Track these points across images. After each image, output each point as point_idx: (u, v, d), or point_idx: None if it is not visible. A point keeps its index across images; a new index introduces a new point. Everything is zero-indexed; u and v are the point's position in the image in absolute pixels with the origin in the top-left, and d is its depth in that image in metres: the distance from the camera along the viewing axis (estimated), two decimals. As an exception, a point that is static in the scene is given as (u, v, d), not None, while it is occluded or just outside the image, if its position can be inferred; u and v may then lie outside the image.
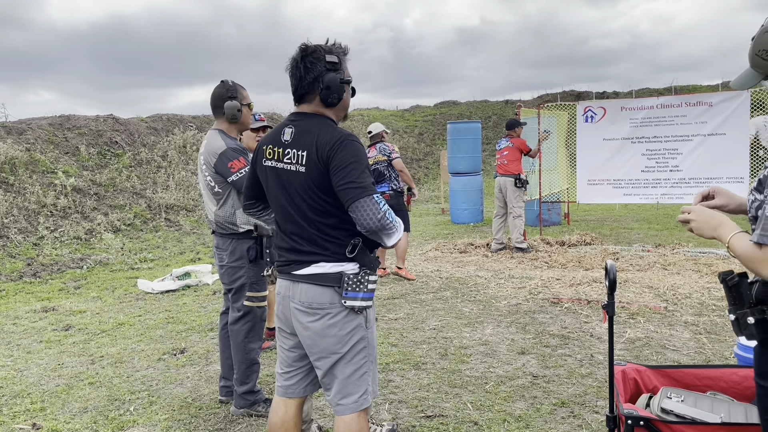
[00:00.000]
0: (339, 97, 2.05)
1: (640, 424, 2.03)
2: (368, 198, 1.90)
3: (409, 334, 4.59)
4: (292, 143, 2.03)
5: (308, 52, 2.03)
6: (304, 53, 2.03)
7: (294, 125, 2.06)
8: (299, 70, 2.03)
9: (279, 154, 2.06)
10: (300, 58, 2.03)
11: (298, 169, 2.01)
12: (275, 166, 2.08)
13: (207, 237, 10.21)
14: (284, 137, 2.05)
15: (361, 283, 2.02)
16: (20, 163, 10.08)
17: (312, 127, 2.02)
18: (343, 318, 2.03)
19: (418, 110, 25.70)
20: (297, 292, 2.05)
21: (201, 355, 4.33)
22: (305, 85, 2.03)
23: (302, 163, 2.00)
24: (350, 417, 2.08)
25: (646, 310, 4.94)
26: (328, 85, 2.01)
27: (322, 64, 2.01)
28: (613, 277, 2.13)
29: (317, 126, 2.02)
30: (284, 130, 2.07)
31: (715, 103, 7.89)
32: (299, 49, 2.06)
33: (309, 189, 1.99)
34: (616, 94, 24.07)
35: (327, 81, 2.01)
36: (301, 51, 2.04)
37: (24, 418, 3.37)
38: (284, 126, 2.09)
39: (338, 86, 2.03)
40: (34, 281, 7.24)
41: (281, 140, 2.06)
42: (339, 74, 2.03)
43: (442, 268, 7.07)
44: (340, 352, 2.04)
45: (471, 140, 11.24)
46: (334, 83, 2.02)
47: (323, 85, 2.01)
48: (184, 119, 15.16)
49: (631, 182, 8.43)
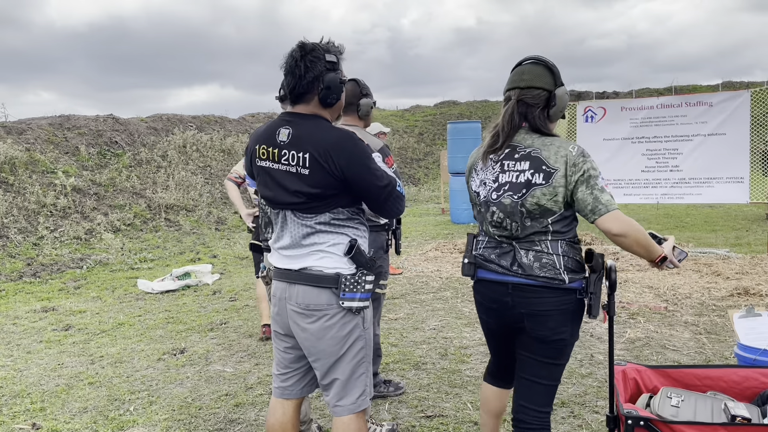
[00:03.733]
0: (338, 98, 2.01)
1: (640, 424, 2.03)
2: (391, 196, 2.02)
3: (409, 334, 4.58)
4: (290, 144, 1.97)
5: (308, 51, 1.97)
6: (304, 51, 1.97)
7: (291, 126, 1.99)
8: (299, 68, 1.96)
9: (274, 155, 2.00)
10: (300, 56, 1.96)
11: (300, 171, 1.96)
12: (269, 167, 2.02)
13: (207, 237, 10.22)
14: (280, 138, 1.99)
15: (358, 283, 2.00)
16: (20, 163, 10.08)
17: (311, 128, 1.98)
18: (341, 319, 2.01)
19: (418, 110, 25.70)
20: (294, 294, 2.03)
21: (201, 355, 4.33)
22: (304, 85, 1.97)
23: (304, 165, 1.95)
24: (348, 418, 2.07)
25: (646, 310, 4.93)
26: (329, 85, 1.96)
27: (322, 63, 1.96)
28: (613, 277, 2.13)
29: (316, 127, 1.98)
30: (279, 131, 2.00)
31: (716, 103, 7.89)
32: (298, 47, 1.99)
33: (310, 191, 1.96)
34: (616, 94, 24.08)
35: (327, 81, 1.96)
36: (301, 49, 1.98)
37: (24, 418, 3.37)
38: (279, 126, 2.02)
39: (338, 86, 1.99)
40: (34, 281, 7.24)
41: (276, 141, 2.00)
42: (338, 74, 2.00)
43: (442, 268, 7.07)
44: (338, 353, 2.03)
45: (471, 140, 11.23)
46: (335, 83, 1.97)
47: (323, 84, 1.96)
48: (184, 119, 15.16)
49: (631, 182, 8.43)
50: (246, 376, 3.88)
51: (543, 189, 1.96)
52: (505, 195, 2.03)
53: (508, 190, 2.02)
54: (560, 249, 2.00)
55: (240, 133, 15.80)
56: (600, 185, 1.94)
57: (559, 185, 1.95)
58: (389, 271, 3.27)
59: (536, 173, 1.98)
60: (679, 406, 2.20)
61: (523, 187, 1.99)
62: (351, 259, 2.01)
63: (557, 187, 1.94)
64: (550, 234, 2.00)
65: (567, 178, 1.94)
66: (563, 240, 2.02)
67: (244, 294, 6.17)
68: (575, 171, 1.93)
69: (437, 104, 26.61)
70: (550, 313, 1.99)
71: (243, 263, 8.00)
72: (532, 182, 1.97)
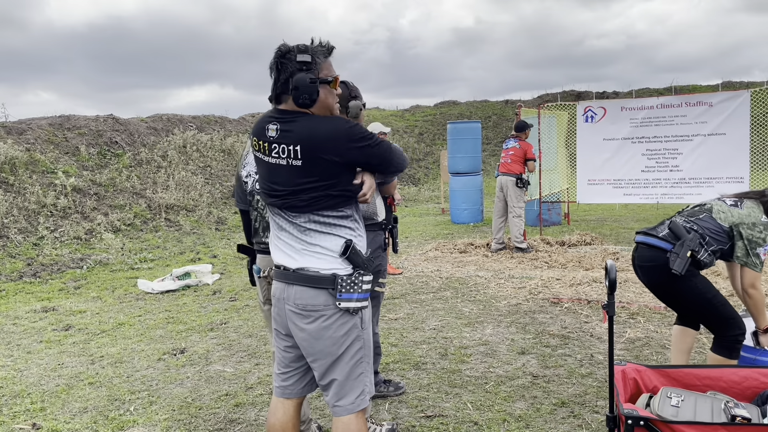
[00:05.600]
0: (310, 98, 1.99)
1: (640, 424, 2.03)
2: (389, 150, 2.10)
3: (409, 334, 4.59)
4: (280, 138, 1.99)
5: (282, 53, 2.01)
6: (279, 54, 2.02)
7: (279, 122, 2.02)
8: (274, 71, 2.02)
9: (265, 148, 2.04)
10: (274, 59, 2.02)
11: (291, 163, 1.98)
12: (263, 158, 2.07)
13: (207, 237, 10.22)
14: (269, 133, 2.02)
15: (355, 284, 2.00)
16: (20, 163, 10.08)
17: (301, 120, 1.99)
18: (338, 319, 2.01)
19: (418, 110, 25.71)
20: (291, 295, 2.04)
21: (201, 355, 4.33)
22: (279, 86, 2.02)
23: (296, 157, 1.96)
24: (348, 418, 2.08)
25: (646, 310, 4.94)
26: (296, 86, 1.97)
27: (293, 64, 1.98)
28: (613, 277, 2.13)
29: (306, 119, 2.00)
30: (268, 127, 2.03)
31: (715, 103, 7.89)
32: (276, 50, 2.05)
33: (304, 181, 1.97)
34: (616, 94, 24.09)
35: (295, 81, 1.97)
36: (277, 52, 2.03)
37: (24, 418, 3.37)
38: (267, 123, 2.05)
39: (307, 86, 1.97)
40: (34, 281, 7.24)
41: (266, 135, 2.03)
42: (309, 74, 1.98)
43: (442, 268, 7.07)
44: (335, 353, 2.03)
45: (471, 140, 11.23)
46: (302, 83, 1.97)
47: (292, 85, 1.98)
48: (184, 119, 15.17)
49: (631, 182, 8.43)
50: (246, 376, 3.88)
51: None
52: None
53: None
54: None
55: (240, 133, 15.81)
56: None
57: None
58: (388, 270, 3.29)
59: None
60: (679, 406, 2.21)
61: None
62: (347, 260, 2.01)
63: None
64: None
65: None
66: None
67: (244, 294, 6.17)
68: None
69: (437, 104, 26.63)
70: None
71: (243, 263, 7.99)
72: None
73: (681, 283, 2.86)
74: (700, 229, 2.90)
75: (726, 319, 2.87)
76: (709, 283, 2.92)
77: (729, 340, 2.88)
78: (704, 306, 2.88)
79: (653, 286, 3.02)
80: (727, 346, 2.89)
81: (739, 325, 2.87)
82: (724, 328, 2.88)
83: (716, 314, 2.88)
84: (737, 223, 2.87)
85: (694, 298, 2.89)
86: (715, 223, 2.91)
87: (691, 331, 3.19)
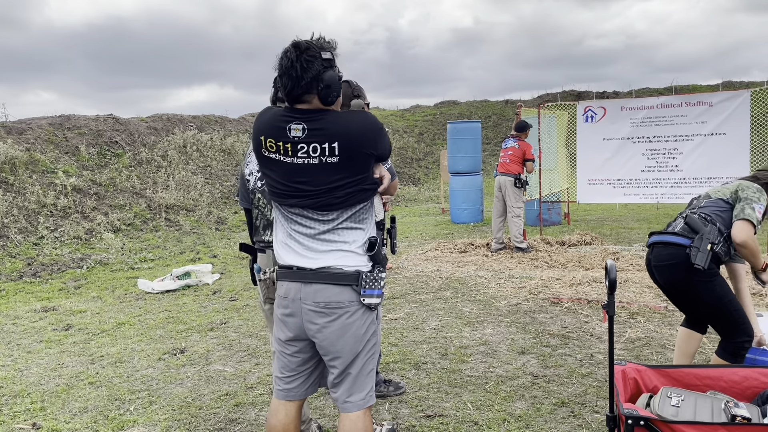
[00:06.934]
0: (338, 95, 1.96)
1: (640, 424, 2.03)
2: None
3: (409, 334, 4.58)
4: (309, 137, 1.91)
5: (302, 50, 1.90)
6: (299, 51, 1.89)
7: (304, 121, 1.92)
8: (295, 69, 1.88)
9: (287, 149, 1.93)
10: (295, 57, 1.89)
11: (326, 161, 1.91)
12: (282, 160, 1.96)
13: (207, 237, 10.22)
14: (292, 133, 1.92)
15: (375, 280, 2.01)
16: (20, 163, 10.08)
17: (330, 118, 1.93)
18: (361, 316, 2.02)
19: (418, 110, 25.71)
20: (311, 293, 2.00)
21: (201, 355, 4.33)
22: (303, 86, 1.89)
23: (332, 154, 1.90)
24: (356, 414, 2.07)
25: (646, 310, 4.94)
26: (329, 84, 1.90)
27: (319, 62, 1.89)
28: (613, 277, 2.13)
29: (334, 116, 1.93)
30: (290, 127, 1.93)
31: (715, 102, 7.89)
32: (292, 46, 1.92)
33: (339, 177, 1.93)
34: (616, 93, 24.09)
35: (327, 79, 1.89)
36: (295, 49, 1.91)
37: (24, 417, 3.37)
38: (287, 122, 1.94)
39: (337, 84, 1.92)
40: (34, 281, 7.24)
41: (288, 136, 1.93)
42: (336, 71, 1.94)
43: (442, 268, 7.07)
44: (356, 349, 2.04)
45: (471, 140, 11.23)
46: (334, 81, 1.91)
47: (323, 83, 1.89)
48: (184, 119, 15.17)
49: (631, 182, 8.43)
50: (246, 375, 3.88)
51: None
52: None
53: None
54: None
55: (240, 133, 15.81)
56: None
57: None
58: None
59: None
60: (679, 406, 2.21)
61: None
62: (371, 257, 2.02)
63: None
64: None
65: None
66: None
67: (244, 294, 6.17)
68: None
69: (437, 104, 26.63)
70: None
71: (243, 263, 7.99)
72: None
73: (700, 284, 2.86)
74: (713, 215, 2.93)
75: (737, 324, 2.87)
76: (728, 286, 2.93)
77: (735, 345, 2.89)
78: (719, 308, 2.89)
79: (671, 284, 3.00)
80: (732, 352, 2.90)
81: (747, 332, 2.87)
82: (733, 334, 2.89)
83: (728, 318, 2.88)
84: (734, 189, 2.98)
85: (710, 300, 2.89)
86: (718, 202, 2.99)
87: (697, 334, 3.19)
